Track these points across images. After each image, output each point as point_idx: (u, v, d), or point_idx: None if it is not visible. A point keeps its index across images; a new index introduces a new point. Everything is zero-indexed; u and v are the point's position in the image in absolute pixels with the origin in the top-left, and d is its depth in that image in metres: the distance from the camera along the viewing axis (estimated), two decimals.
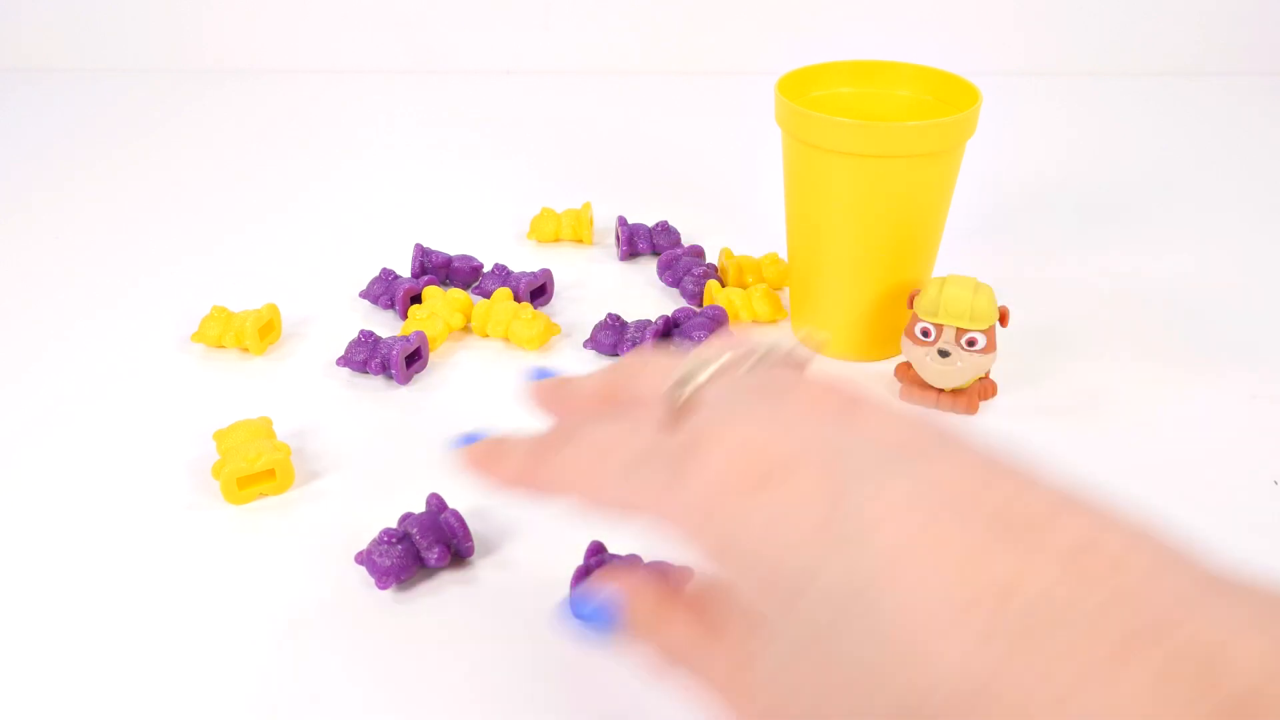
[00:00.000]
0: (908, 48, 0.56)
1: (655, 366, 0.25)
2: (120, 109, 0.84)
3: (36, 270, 0.57)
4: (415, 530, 0.35)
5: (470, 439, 0.28)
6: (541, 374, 0.29)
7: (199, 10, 0.92)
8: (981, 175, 0.58)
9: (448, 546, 0.35)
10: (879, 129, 0.40)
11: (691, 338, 0.46)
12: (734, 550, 0.20)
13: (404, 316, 0.50)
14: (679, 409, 0.23)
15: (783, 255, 0.54)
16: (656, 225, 0.58)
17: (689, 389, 0.23)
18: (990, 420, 0.43)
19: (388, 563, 0.34)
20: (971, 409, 0.44)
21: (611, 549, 0.35)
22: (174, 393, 0.46)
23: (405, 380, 0.46)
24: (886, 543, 0.18)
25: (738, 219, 0.61)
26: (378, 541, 0.34)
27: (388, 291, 0.51)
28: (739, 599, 0.22)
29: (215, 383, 0.47)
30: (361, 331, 0.46)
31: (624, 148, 0.75)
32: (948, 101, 0.46)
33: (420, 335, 0.46)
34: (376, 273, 0.53)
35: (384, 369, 0.45)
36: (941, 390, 0.44)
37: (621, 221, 0.58)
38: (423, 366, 0.47)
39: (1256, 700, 0.15)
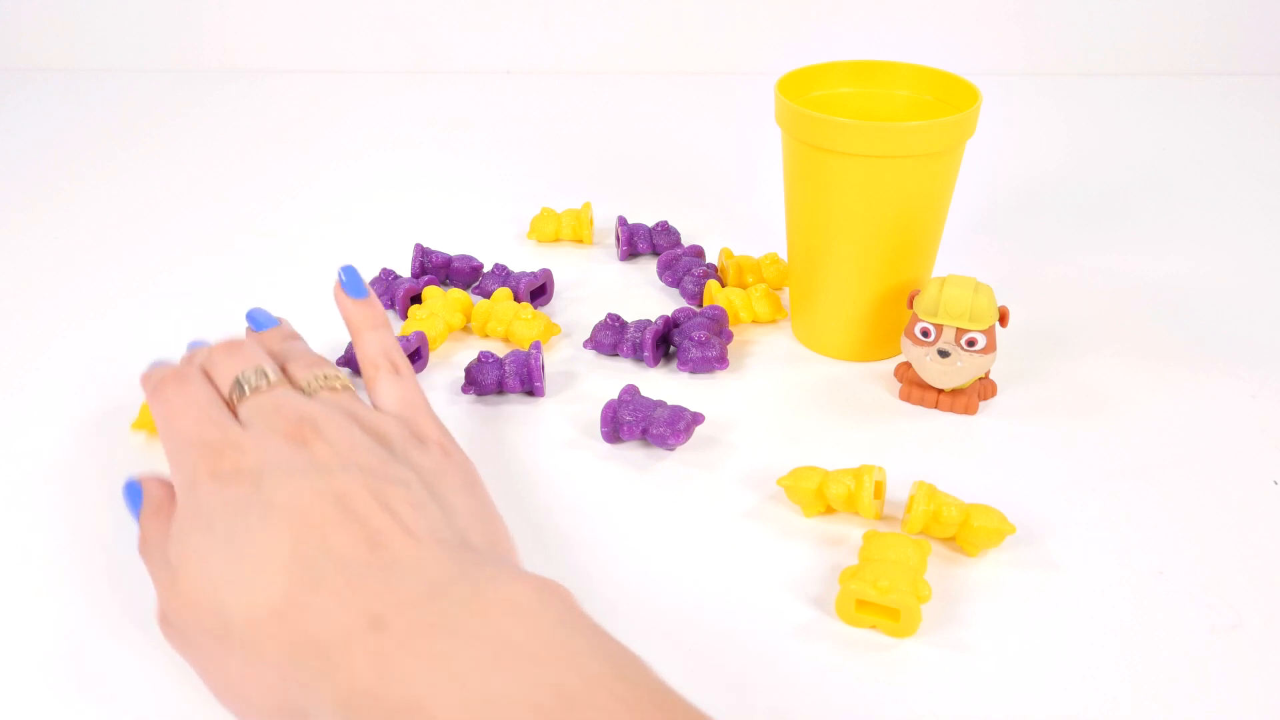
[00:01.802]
0: (908, 48, 0.56)
1: (239, 359, 0.35)
2: (121, 109, 0.84)
3: (37, 270, 0.57)
4: (508, 361, 0.44)
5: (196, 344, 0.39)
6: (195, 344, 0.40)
7: (200, 10, 0.92)
8: (981, 175, 0.59)
9: (523, 380, 0.44)
10: (879, 129, 0.40)
11: (692, 338, 0.46)
12: (192, 508, 0.30)
13: (404, 316, 0.51)
14: (237, 399, 0.33)
15: (783, 255, 0.54)
16: (656, 225, 0.58)
17: (244, 393, 0.33)
18: (990, 420, 0.43)
19: (481, 377, 0.44)
20: (971, 409, 0.44)
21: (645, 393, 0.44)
22: None
23: None
24: (264, 517, 0.28)
25: (738, 219, 0.61)
26: (479, 360, 0.44)
27: (388, 291, 0.51)
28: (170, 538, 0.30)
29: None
30: None
31: (624, 148, 0.75)
32: (948, 101, 0.46)
33: (420, 335, 0.46)
34: (376, 273, 0.53)
35: None
36: (941, 390, 0.44)
37: (621, 221, 0.58)
38: (423, 366, 0.47)
39: (398, 612, 0.26)
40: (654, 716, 0.23)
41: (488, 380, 0.44)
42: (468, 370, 0.45)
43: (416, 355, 0.46)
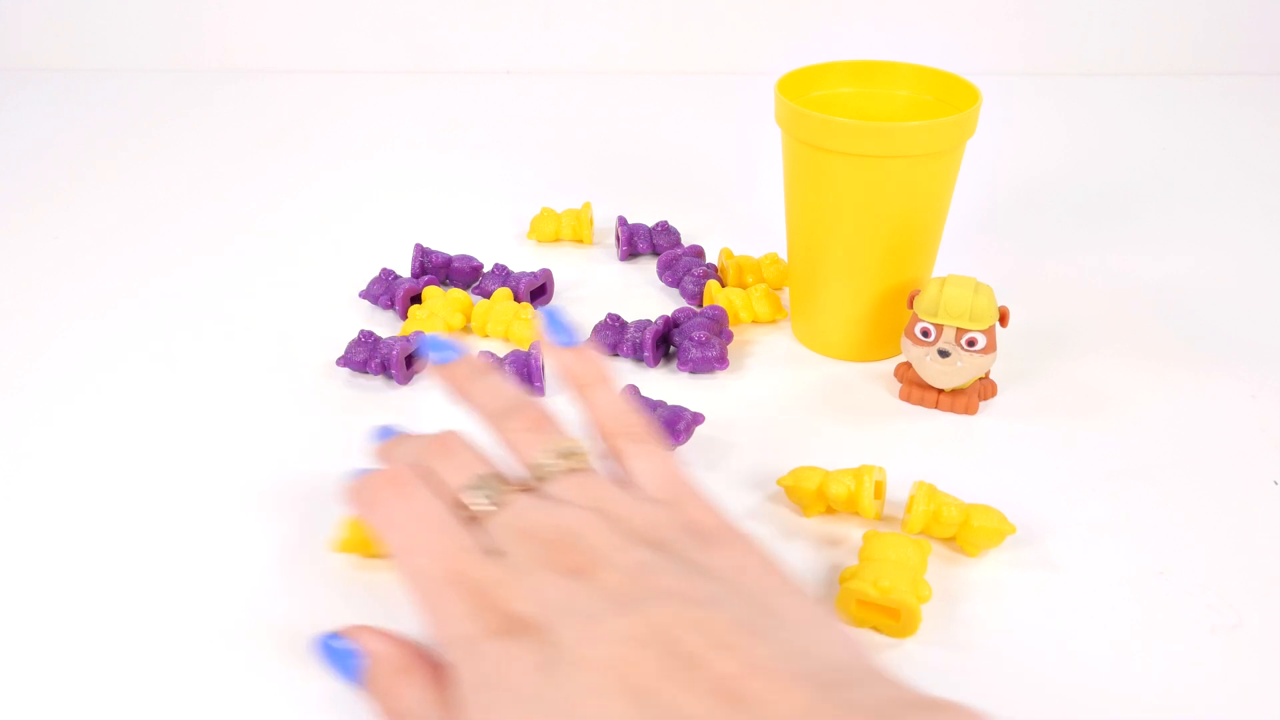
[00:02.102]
0: (908, 48, 0.56)
1: (462, 464, 0.30)
2: (121, 109, 0.84)
3: (37, 271, 0.57)
4: (508, 362, 0.44)
5: (386, 432, 0.34)
6: (385, 433, 0.35)
7: (200, 11, 0.92)
8: (981, 175, 0.59)
9: (523, 380, 0.44)
10: (879, 129, 0.40)
11: (692, 338, 0.46)
12: (477, 672, 0.25)
13: (404, 316, 0.51)
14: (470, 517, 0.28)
15: (783, 255, 0.54)
16: (656, 225, 0.58)
17: (478, 511, 0.28)
18: (990, 420, 0.43)
19: None
20: (971, 409, 0.44)
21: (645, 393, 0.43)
22: (174, 393, 0.46)
23: (405, 380, 0.46)
24: (580, 681, 0.23)
25: (738, 219, 0.61)
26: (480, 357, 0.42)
27: (388, 291, 0.51)
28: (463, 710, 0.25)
29: (216, 383, 0.47)
30: (361, 331, 0.46)
31: (624, 148, 0.75)
32: (948, 101, 0.46)
33: (420, 335, 0.46)
34: (376, 273, 0.53)
35: (384, 369, 0.45)
36: (941, 390, 0.44)
37: (621, 221, 0.58)
38: (423, 366, 0.47)
39: None
40: None
41: None
42: None
43: (416, 355, 0.46)
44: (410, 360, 0.46)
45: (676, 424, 0.40)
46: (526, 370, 0.44)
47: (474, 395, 0.32)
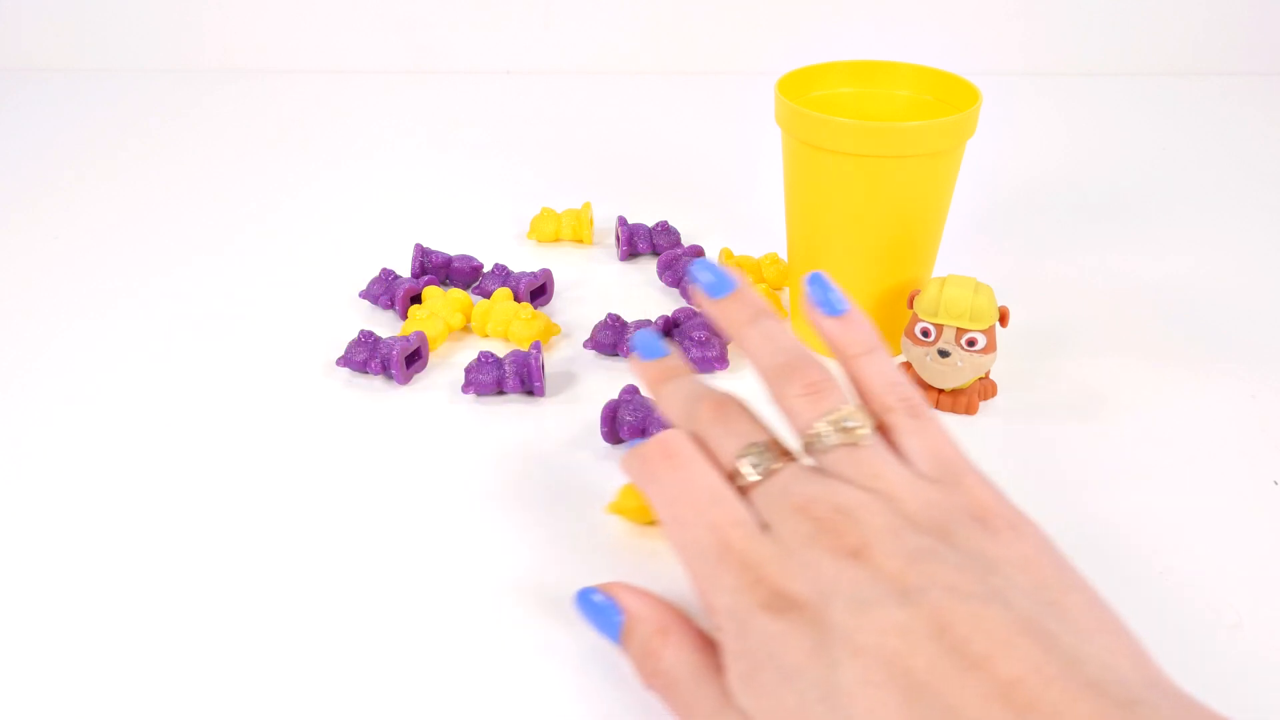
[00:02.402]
0: (908, 48, 0.56)
1: (734, 435, 0.29)
2: (121, 109, 0.84)
3: (37, 270, 0.57)
4: (508, 362, 0.44)
5: (649, 344, 0.34)
6: (648, 345, 0.34)
7: (200, 10, 0.92)
8: (981, 175, 0.59)
9: (523, 380, 0.44)
10: (879, 129, 0.40)
11: (691, 338, 0.46)
12: (746, 644, 0.25)
13: (404, 316, 0.51)
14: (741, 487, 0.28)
15: (783, 255, 0.54)
16: (656, 225, 0.58)
17: (748, 481, 0.28)
18: (990, 420, 0.43)
19: (481, 376, 0.44)
20: (971, 409, 0.44)
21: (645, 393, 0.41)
22: (174, 393, 0.46)
23: (405, 380, 0.46)
24: (853, 668, 0.23)
25: (738, 219, 0.61)
26: (479, 360, 0.44)
27: (388, 291, 0.51)
28: (728, 676, 0.25)
29: (215, 383, 0.47)
30: (361, 331, 0.46)
31: (624, 148, 0.75)
32: (948, 101, 0.46)
33: (420, 335, 0.46)
34: (376, 273, 0.53)
35: (384, 369, 0.45)
36: (941, 390, 0.44)
37: (621, 221, 0.58)
38: (423, 366, 0.47)
39: None
40: None
41: (488, 380, 0.44)
42: (468, 370, 0.45)
43: (416, 355, 0.46)
44: (410, 360, 0.46)
45: None
46: (526, 370, 0.44)
47: (749, 344, 0.31)
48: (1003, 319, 0.42)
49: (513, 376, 0.44)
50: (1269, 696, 0.31)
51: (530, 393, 0.45)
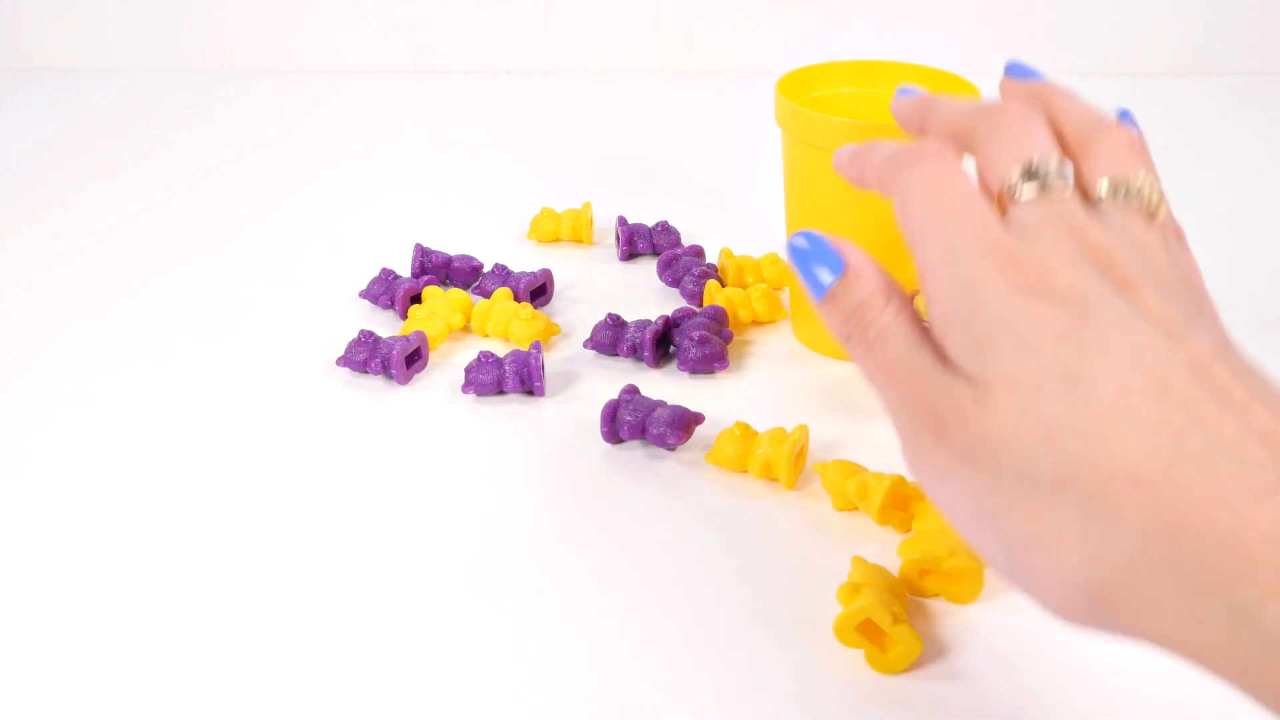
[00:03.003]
0: (908, 48, 0.56)
1: (1007, 144, 0.26)
2: (120, 109, 0.84)
3: (37, 270, 0.57)
4: (508, 362, 0.44)
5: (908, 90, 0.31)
6: (907, 91, 0.32)
7: (200, 10, 0.92)
8: None
9: (523, 380, 0.44)
10: (879, 129, 0.40)
11: (691, 338, 0.46)
12: (981, 311, 0.23)
13: (404, 316, 0.51)
14: (1009, 196, 0.25)
15: (783, 255, 0.54)
16: (656, 225, 0.58)
17: (1018, 193, 0.25)
18: None
19: (481, 376, 0.44)
20: None
21: (645, 393, 0.43)
22: (174, 393, 0.46)
23: (405, 380, 0.46)
24: (1105, 359, 0.22)
25: (738, 219, 0.61)
26: (479, 360, 0.44)
27: (388, 291, 0.51)
28: (947, 332, 0.24)
29: (215, 383, 0.47)
30: (361, 331, 0.46)
31: (624, 148, 0.75)
32: None
33: (420, 335, 0.46)
34: (376, 273, 0.53)
35: (384, 369, 0.45)
36: None
37: (621, 221, 0.58)
38: (423, 366, 0.47)
39: None
40: None
41: (487, 380, 0.44)
42: (467, 370, 0.45)
43: (416, 355, 0.46)
44: (410, 360, 0.46)
45: (676, 424, 0.40)
46: (526, 370, 0.44)
47: (1058, 109, 0.29)
48: None
49: (513, 376, 0.44)
50: None
51: (530, 393, 0.45)
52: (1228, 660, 0.20)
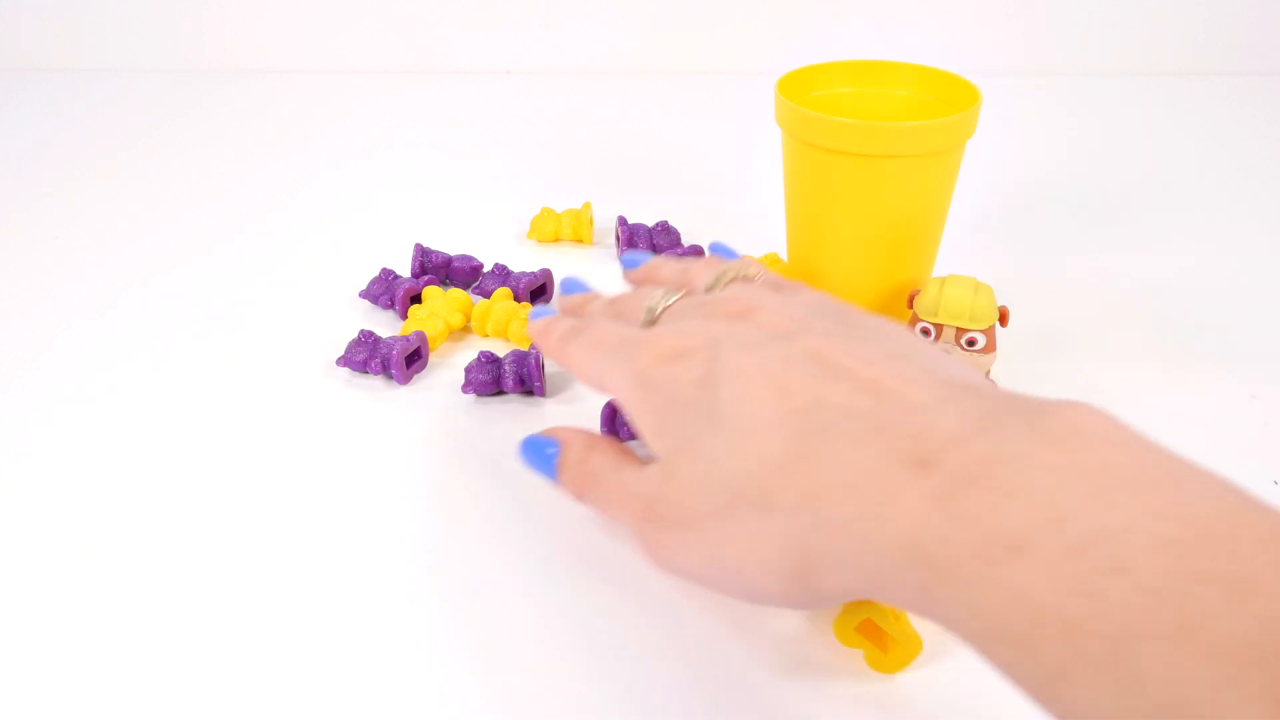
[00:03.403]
0: (908, 48, 0.56)
1: (642, 293, 0.36)
2: (120, 109, 0.84)
3: (37, 271, 0.57)
4: (508, 362, 0.44)
5: (539, 313, 0.38)
6: (572, 286, 0.41)
7: (200, 10, 0.92)
8: (981, 175, 0.59)
9: (523, 380, 0.44)
10: (879, 129, 0.40)
11: None
12: (650, 398, 0.29)
13: (404, 316, 0.51)
14: (653, 321, 0.34)
15: (783, 255, 0.54)
16: (656, 225, 0.58)
17: (658, 312, 0.34)
18: None
19: (480, 376, 0.44)
20: None
21: None
22: (174, 393, 0.46)
23: (405, 380, 0.46)
24: (735, 385, 0.27)
25: (738, 219, 0.61)
26: (479, 360, 0.44)
27: (388, 291, 0.51)
28: (644, 438, 0.30)
29: (215, 383, 0.47)
30: (361, 331, 0.46)
31: (624, 148, 0.75)
32: (948, 101, 0.46)
33: (420, 335, 0.46)
34: (376, 273, 0.53)
35: (384, 369, 0.45)
36: None
37: (621, 221, 0.58)
38: (423, 366, 0.47)
39: (944, 450, 0.23)
40: None
41: (486, 380, 0.44)
42: (467, 370, 0.45)
43: (416, 355, 0.46)
44: (410, 360, 0.46)
45: None
46: (526, 370, 0.44)
47: (657, 278, 0.38)
48: (1003, 319, 0.42)
49: (512, 376, 0.44)
50: None
51: (530, 393, 0.45)
52: (894, 584, 0.23)
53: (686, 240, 0.58)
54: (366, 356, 0.46)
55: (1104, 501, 0.20)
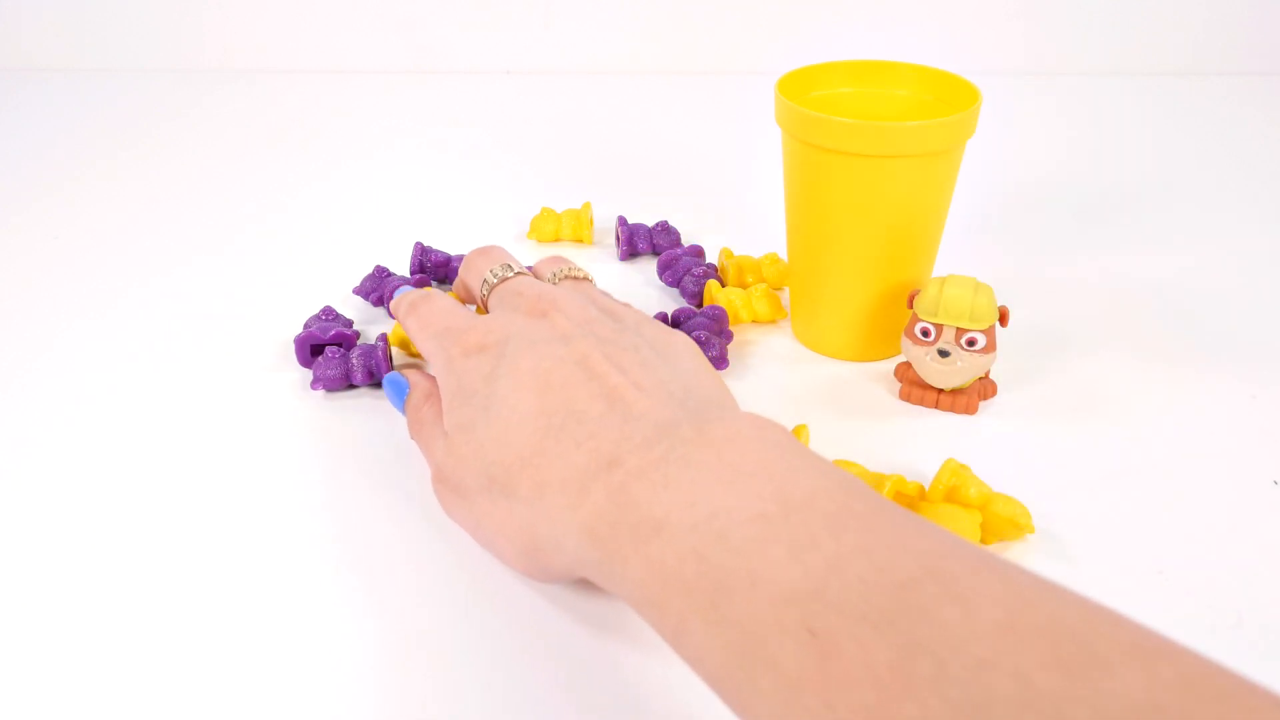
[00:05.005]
0: (908, 48, 0.56)
1: (492, 258, 0.41)
2: (120, 109, 0.84)
3: (37, 271, 0.57)
4: (356, 355, 0.45)
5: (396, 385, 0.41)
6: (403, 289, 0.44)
7: (200, 10, 0.92)
8: (981, 175, 0.59)
9: (372, 373, 0.45)
10: (879, 129, 0.40)
11: (692, 335, 0.46)
12: (450, 383, 0.35)
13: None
14: (488, 291, 0.40)
15: (783, 255, 0.54)
16: (656, 225, 0.58)
17: (494, 283, 0.39)
18: (990, 420, 0.43)
19: (329, 372, 0.45)
20: (971, 409, 0.44)
21: None
22: (174, 392, 0.46)
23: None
24: (509, 381, 0.32)
25: (738, 219, 0.61)
26: (326, 355, 0.45)
27: (378, 289, 0.51)
28: (444, 414, 0.35)
29: (215, 383, 0.47)
30: (328, 349, 0.46)
31: (624, 148, 0.75)
32: (948, 101, 0.46)
33: (383, 338, 0.46)
34: (372, 270, 0.53)
35: (369, 377, 0.45)
36: (941, 390, 0.44)
37: (621, 221, 0.58)
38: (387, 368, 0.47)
39: (631, 453, 0.28)
40: (877, 521, 0.24)
41: (336, 375, 0.44)
42: (315, 366, 0.45)
43: (321, 351, 0.46)
44: (315, 353, 0.46)
45: None
46: (374, 362, 0.45)
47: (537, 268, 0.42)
48: (1003, 319, 0.42)
49: (361, 369, 0.45)
50: None
51: (380, 385, 0.45)
52: (585, 564, 0.29)
53: (686, 240, 0.58)
54: (338, 373, 0.45)
55: (726, 488, 0.26)
